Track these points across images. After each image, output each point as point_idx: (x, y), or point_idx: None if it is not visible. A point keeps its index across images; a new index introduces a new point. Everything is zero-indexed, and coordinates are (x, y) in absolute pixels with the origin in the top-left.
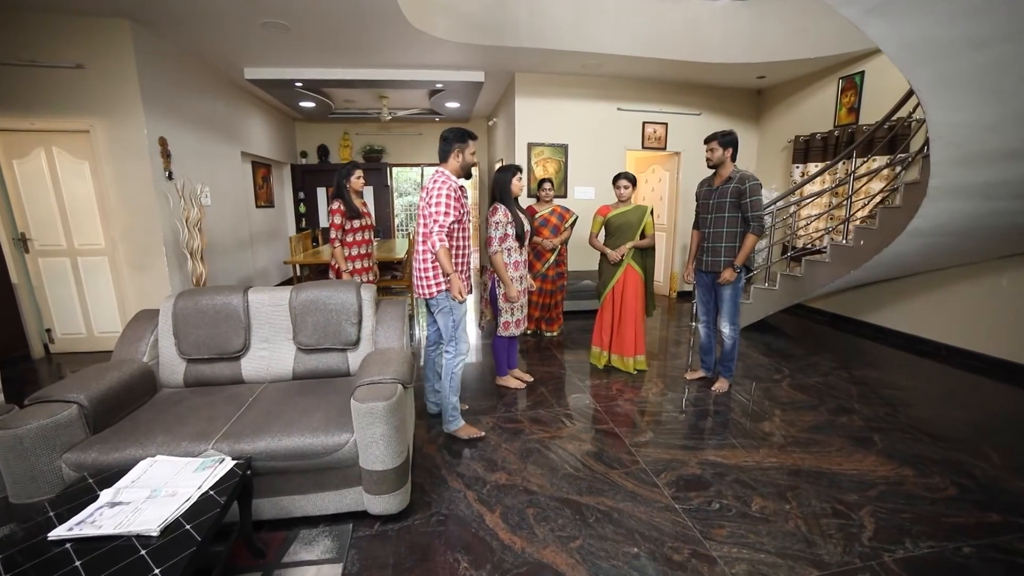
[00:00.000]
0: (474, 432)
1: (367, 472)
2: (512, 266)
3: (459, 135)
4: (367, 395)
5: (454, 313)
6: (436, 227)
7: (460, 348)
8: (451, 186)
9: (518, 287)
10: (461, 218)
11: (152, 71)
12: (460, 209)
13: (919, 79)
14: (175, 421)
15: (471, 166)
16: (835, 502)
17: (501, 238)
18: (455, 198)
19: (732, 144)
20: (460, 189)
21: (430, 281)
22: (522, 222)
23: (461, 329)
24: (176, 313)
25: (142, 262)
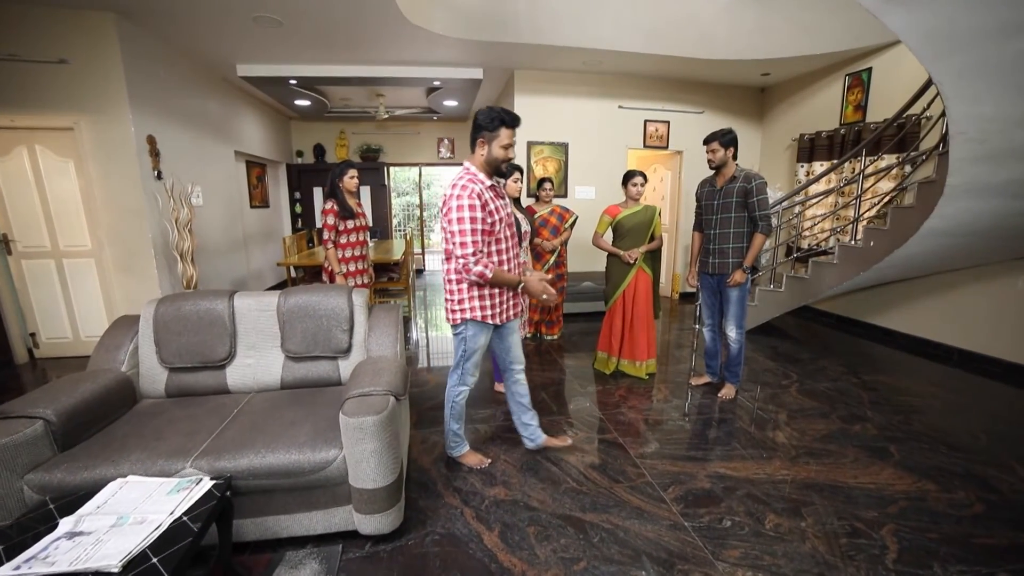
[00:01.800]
0: (479, 461)
1: (357, 490)
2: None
3: (488, 119)
4: (357, 409)
5: (467, 344)
6: (463, 255)
7: (465, 380)
8: (472, 191)
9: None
10: (493, 229)
11: (139, 67)
12: (489, 218)
13: (941, 71)
14: (152, 436)
15: (501, 163)
16: (853, 519)
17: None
18: (480, 206)
19: (733, 143)
20: (491, 189)
21: (453, 306)
22: (520, 223)
23: (471, 364)
24: (157, 319)
25: (130, 264)
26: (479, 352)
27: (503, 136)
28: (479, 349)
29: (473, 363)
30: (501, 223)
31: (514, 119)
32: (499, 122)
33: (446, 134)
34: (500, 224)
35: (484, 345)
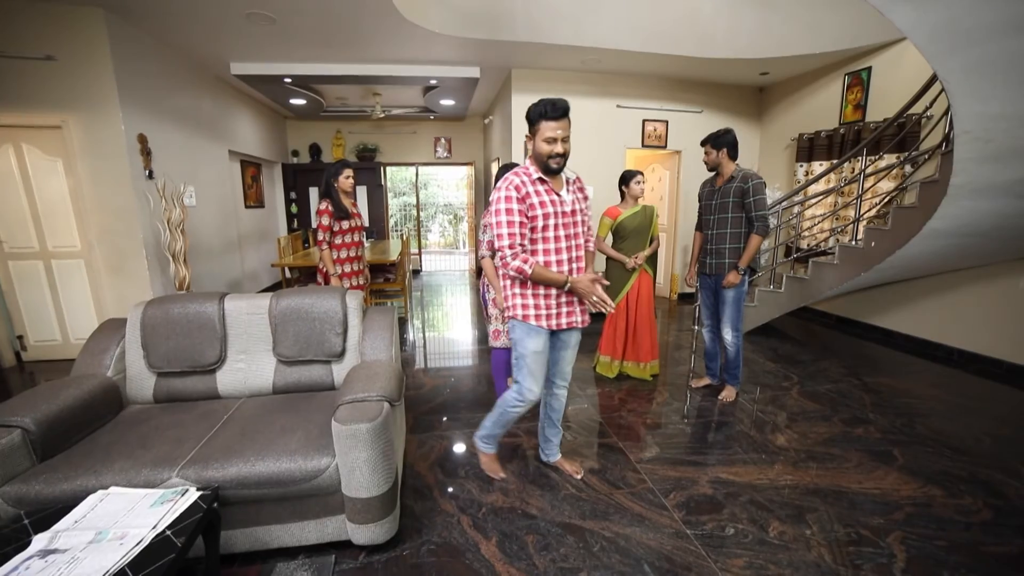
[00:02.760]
0: (494, 470)
1: (350, 500)
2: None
3: (530, 112)
4: (349, 416)
5: (518, 347)
6: (499, 247)
7: (522, 390)
8: (511, 183)
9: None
10: (535, 224)
11: (129, 64)
12: (530, 212)
13: (948, 69)
14: (138, 444)
15: (547, 158)
16: (859, 526)
17: (491, 243)
18: (517, 198)
19: (727, 144)
20: (538, 182)
21: (506, 303)
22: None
23: (526, 372)
24: (145, 322)
25: (121, 265)
26: (531, 359)
27: (543, 129)
28: (529, 355)
29: (528, 372)
30: (550, 218)
31: (555, 110)
32: (538, 115)
33: (443, 134)
34: (549, 219)
35: (537, 352)
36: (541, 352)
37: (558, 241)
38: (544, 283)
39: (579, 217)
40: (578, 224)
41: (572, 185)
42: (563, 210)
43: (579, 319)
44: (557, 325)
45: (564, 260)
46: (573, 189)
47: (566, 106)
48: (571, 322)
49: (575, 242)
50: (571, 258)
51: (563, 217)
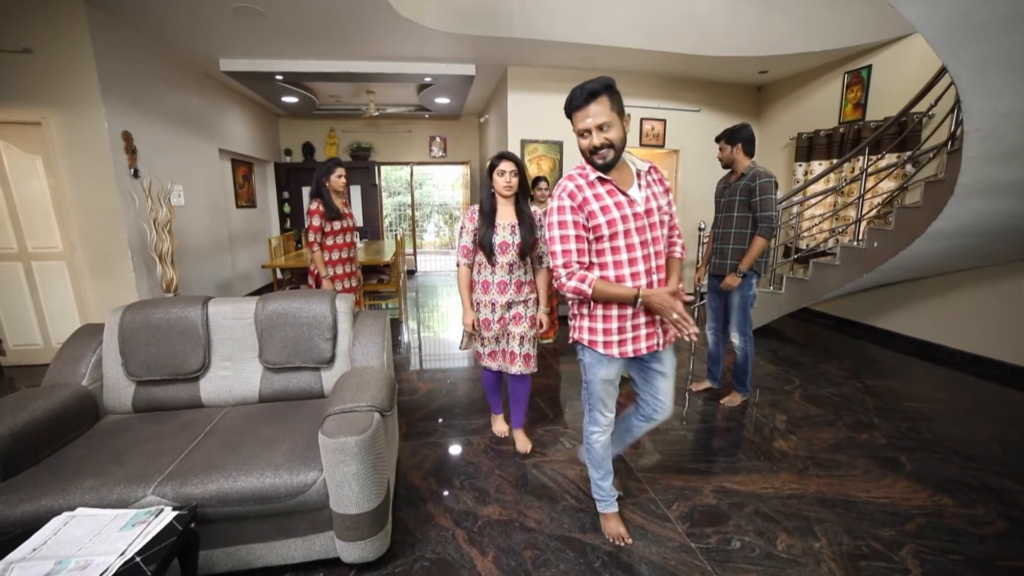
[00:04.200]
0: (619, 535)
1: (339, 516)
2: (480, 286)
3: (565, 105)
4: (338, 428)
5: (586, 373)
6: (553, 266)
7: (595, 419)
8: (565, 189)
9: (485, 315)
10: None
11: (113, 59)
12: (590, 220)
13: (959, 64)
14: (112, 459)
15: (586, 153)
16: (870, 539)
17: (464, 249)
18: (571, 207)
19: (742, 140)
20: (598, 183)
21: (571, 322)
22: (491, 233)
23: (595, 399)
24: (123, 328)
25: (105, 267)
26: (600, 388)
27: (575, 121)
28: (598, 383)
29: (597, 398)
30: (616, 224)
31: (579, 95)
32: (567, 107)
33: (438, 132)
34: (616, 226)
35: (607, 380)
36: (612, 380)
37: (631, 250)
38: (610, 301)
39: (656, 217)
40: (656, 226)
41: (645, 178)
42: (634, 211)
43: (661, 340)
44: (635, 351)
45: (641, 272)
46: (648, 182)
47: (594, 86)
48: (651, 346)
49: (654, 249)
50: (650, 269)
51: (635, 220)
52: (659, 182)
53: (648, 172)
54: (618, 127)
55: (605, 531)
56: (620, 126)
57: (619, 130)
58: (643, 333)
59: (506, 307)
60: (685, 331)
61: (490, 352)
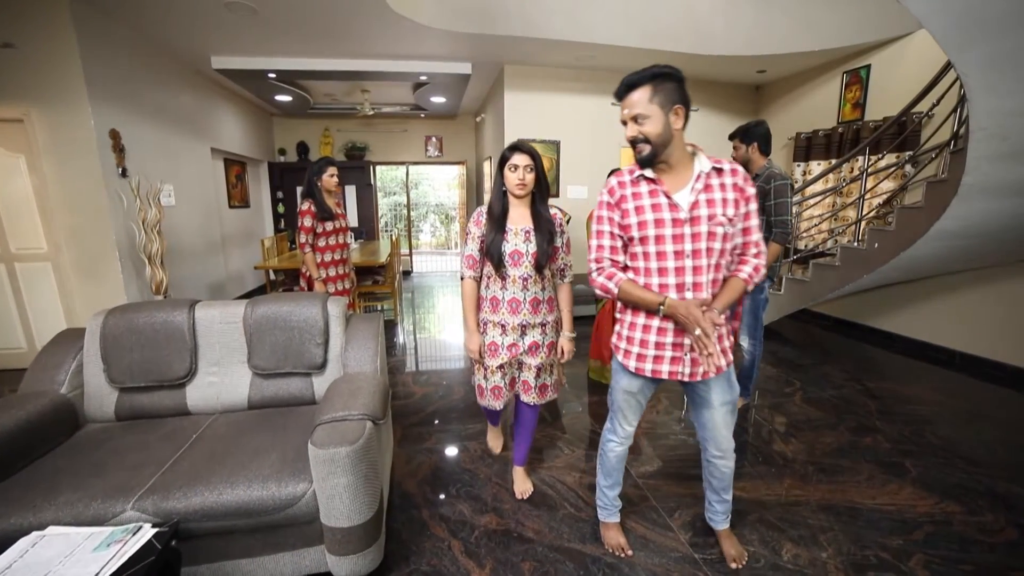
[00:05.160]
0: (618, 546)
1: (330, 529)
2: (487, 304)
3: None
4: (328, 438)
5: (613, 377)
6: (589, 259)
7: (614, 428)
8: (608, 186)
9: (493, 337)
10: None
11: (99, 55)
12: (624, 219)
13: (967, 61)
14: (90, 471)
15: (634, 146)
16: (878, 548)
17: (470, 259)
18: (608, 203)
19: (758, 138)
20: (641, 181)
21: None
22: (500, 240)
23: (616, 407)
24: (106, 333)
25: (92, 268)
26: (621, 397)
27: (622, 110)
28: (619, 391)
29: (617, 407)
30: (648, 227)
31: (617, 89)
32: (617, 93)
33: (434, 132)
34: (647, 229)
35: (628, 392)
36: (635, 393)
37: (662, 259)
38: (634, 304)
39: (705, 226)
40: (703, 236)
41: (706, 180)
42: (674, 216)
43: (686, 370)
44: (654, 372)
45: (670, 286)
46: (709, 186)
47: (634, 78)
48: (674, 372)
49: (693, 262)
50: (683, 284)
51: (674, 226)
52: (734, 188)
53: (716, 174)
54: (658, 121)
55: (605, 541)
56: (662, 120)
57: (659, 124)
58: (667, 355)
59: (519, 330)
60: (704, 351)
61: (493, 387)
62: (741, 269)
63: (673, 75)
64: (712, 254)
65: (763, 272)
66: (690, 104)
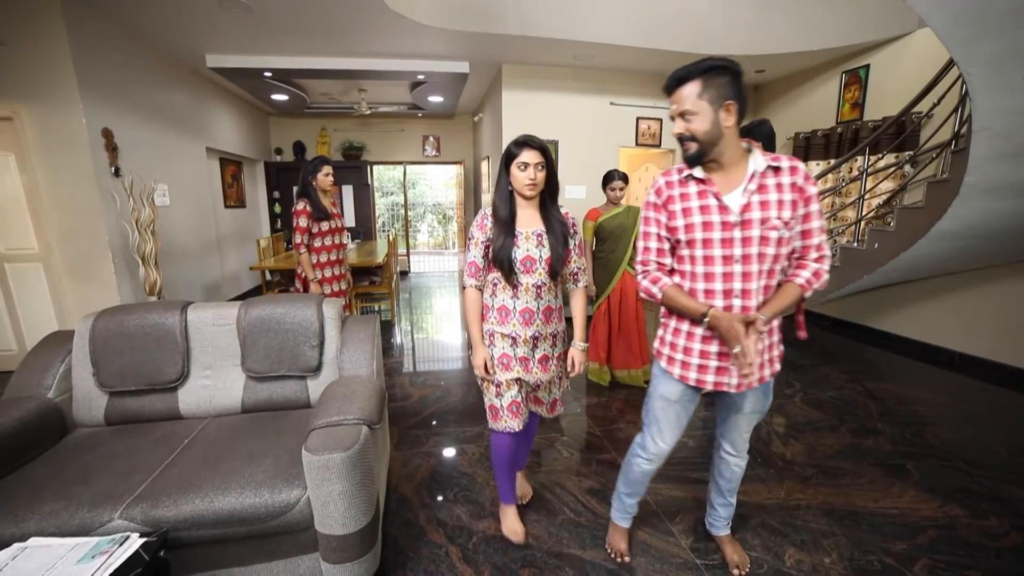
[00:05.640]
0: (620, 552)
1: (324, 537)
2: (495, 314)
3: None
4: (322, 444)
5: (650, 384)
6: (636, 260)
7: (645, 443)
8: (656, 185)
9: (503, 349)
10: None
11: (92, 53)
12: (671, 221)
13: (970, 59)
14: (77, 478)
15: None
16: (882, 553)
17: (472, 266)
18: (655, 204)
19: (763, 137)
20: (690, 181)
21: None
22: (511, 246)
23: (651, 418)
24: (95, 336)
25: (84, 269)
26: (658, 404)
27: (672, 104)
28: (656, 397)
29: (653, 416)
30: (695, 230)
31: (666, 84)
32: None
33: (432, 132)
34: (694, 232)
35: (666, 399)
36: (674, 402)
37: (708, 264)
38: (678, 311)
39: (757, 230)
40: (754, 241)
41: (760, 180)
42: (724, 219)
43: (733, 381)
44: (698, 381)
45: (717, 292)
46: (763, 186)
47: (683, 72)
48: (720, 383)
49: (743, 267)
50: (730, 290)
51: (722, 230)
52: (792, 188)
53: (772, 173)
54: (707, 118)
55: (608, 540)
56: (711, 117)
57: (707, 121)
58: (712, 364)
59: (531, 343)
60: (741, 371)
61: (511, 404)
62: (798, 274)
63: (728, 68)
64: (764, 260)
65: (824, 278)
66: (746, 99)
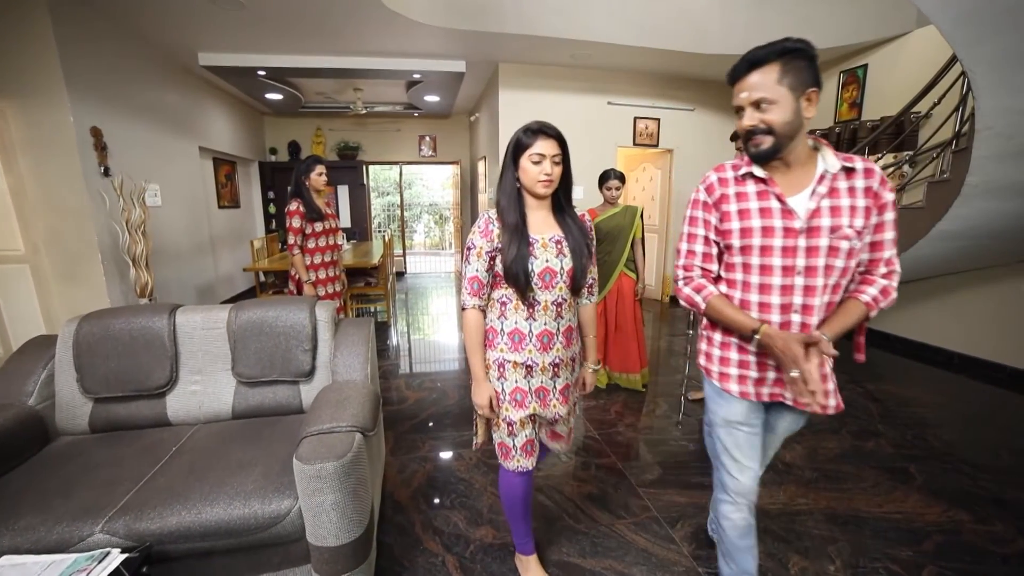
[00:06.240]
0: None
1: (316, 549)
2: (506, 340)
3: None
4: (314, 452)
5: (707, 410)
6: (676, 265)
7: (720, 477)
8: (707, 181)
9: (515, 383)
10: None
11: (80, 49)
12: (722, 224)
13: (975, 58)
14: (58, 490)
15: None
16: (887, 560)
17: (474, 281)
18: (705, 203)
19: None
20: (748, 179)
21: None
22: (527, 255)
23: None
24: (79, 341)
25: (73, 270)
26: (723, 431)
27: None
28: (719, 424)
29: (721, 447)
30: (753, 235)
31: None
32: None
33: (428, 131)
34: (752, 237)
35: (731, 422)
36: (740, 423)
37: (766, 274)
38: (724, 324)
39: (825, 239)
40: (822, 251)
41: (831, 183)
42: (787, 225)
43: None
44: (758, 395)
45: (773, 306)
46: (835, 190)
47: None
48: (776, 394)
49: (806, 280)
50: (788, 305)
51: (785, 237)
52: (867, 193)
53: (843, 176)
54: (787, 107)
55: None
56: (792, 106)
57: (788, 111)
58: (771, 376)
59: (550, 371)
60: (800, 397)
61: (524, 443)
62: (864, 290)
63: (806, 51)
64: (831, 273)
65: (893, 296)
66: (822, 86)
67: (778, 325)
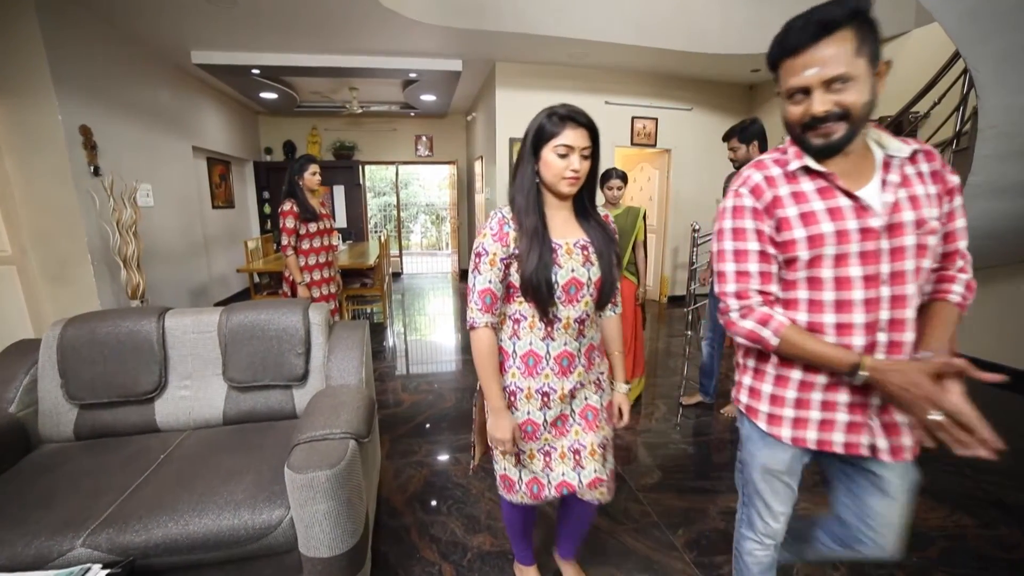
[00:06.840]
0: None
1: (309, 560)
2: (519, 363)
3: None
4: (306, 460)
5: (742, 451)
6: (719, 293)
7: (749, 517)
8: (748, 183)
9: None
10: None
11: (68, 46)
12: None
13: (980, 55)
14: (38, 501)
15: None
16: (893, 566)
17: (486, 294)
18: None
19: (756, 135)
20: (802, 175)
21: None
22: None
23: (752, 492)
24: (64, 345)
25: (62, 272)
26: (760, 478)
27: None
28: (756, 470)
29: (754, 491)
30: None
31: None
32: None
33: (424, 131)
34: (824, 245)
35: (770, 472)
36: (781, 473)
37: (844, 287)
38: (806, 361)
39: (911, 238)
40: (907, 252)
41: (899, 170)
42: (863, 225)
43: (882, 444)
44: (819, 443)
45: (858, 326)
46: (906, 178)
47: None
48: (854, 445)
49: (893, 290)
50: (875, 323)
51: (863, 239)
52: (934, 178)
53: (910, 161)
54: (864, 84)
55: None
56: (869, 82)
57: (867, 90)
58: (842, 419)
59: (568, 398)
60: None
61: (531, 480)
62: (950, 289)
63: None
64: (920, 275)
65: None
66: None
67: (862, 348)
